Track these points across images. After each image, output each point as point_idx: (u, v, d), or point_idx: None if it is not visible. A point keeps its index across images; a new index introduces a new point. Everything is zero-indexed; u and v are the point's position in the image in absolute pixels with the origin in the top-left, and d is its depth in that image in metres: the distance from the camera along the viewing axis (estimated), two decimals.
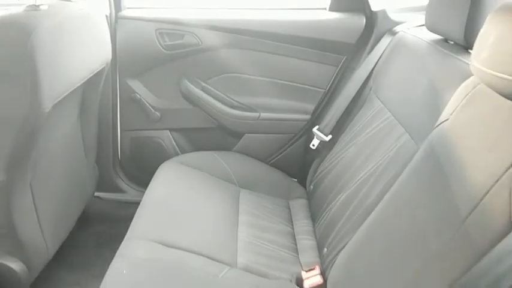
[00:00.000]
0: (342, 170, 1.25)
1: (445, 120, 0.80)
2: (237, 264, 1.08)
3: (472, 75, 0.77)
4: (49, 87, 0.97)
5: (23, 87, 0.93)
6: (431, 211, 0.73)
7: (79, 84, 1.13)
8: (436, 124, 0.83)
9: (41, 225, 1.11)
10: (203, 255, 1.04)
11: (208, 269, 1.01)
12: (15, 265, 1.05)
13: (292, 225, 1.33)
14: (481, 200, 0.63)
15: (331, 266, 1.03)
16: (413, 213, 0.79)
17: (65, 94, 1.05)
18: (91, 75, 1.21)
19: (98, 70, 1.27)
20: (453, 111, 0.80)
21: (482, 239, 0.60)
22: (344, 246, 1.01)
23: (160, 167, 1.41)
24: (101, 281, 1.42)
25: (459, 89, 0.81)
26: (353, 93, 1.39)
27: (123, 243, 1.04)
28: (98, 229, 1.64)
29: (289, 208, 1.42)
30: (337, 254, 1.04)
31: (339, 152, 1.32)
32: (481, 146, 0.69)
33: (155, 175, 1.36)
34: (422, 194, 0.78)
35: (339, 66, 1.51)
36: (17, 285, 1.06)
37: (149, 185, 1.31)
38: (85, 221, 1.58)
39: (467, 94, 0.78)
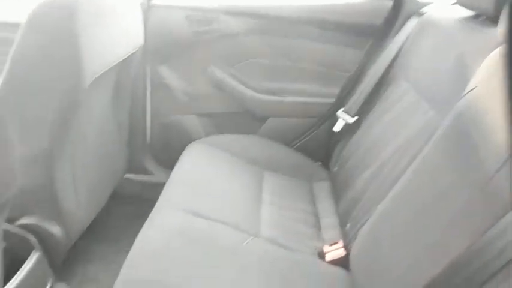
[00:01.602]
0: (366, 149, 1.27)
1: (473, 89, 0.81)
2: (260, 235, 1.11)
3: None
4: (88, 65, 1.03)
5: (65, 64, 1.00)
6: (458, 173, 0.74)
7: (114, 64, 1.19)
8: (464, 93, 0.84)
9: (78, 195, 1.18)
10: (229, 225, 1.08)
11: (234, 238, 1.05)
12: (55, 229, 1.11)
13: (315, 205, 1.36)
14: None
15: (354, 239, 1.06)
16: (439, 178, 0.80)
17: (102, 72, 1.11)
18: (125, 57, 1.28)
19: (130, 53, 1.33)
20: (481, 80, 0.80)
21: (510, 193, 0.61)
22: (367, 220, 1.03)
23: (188, 147, 1.46)
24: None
25: (487, 58, 0.82)
26: (379, 75, 1.41)
27: (153, 212, 1.09)
28: (127, 209, 1.70)
29: (312, 190, 1.45)
30: (359, 228, 1.06)
31: (364, 132, 1.34)
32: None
33: (183, 154, 1.41)
34: (447, 159, 0.80)
35: (365, 50, 1.53)
36: (55, 250, 1.13)
37: (177, 163, 1.36)
38: (115, 200, 1.65)
39: (496, 62, 0.79)
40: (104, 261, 1.43)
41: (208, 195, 1.21)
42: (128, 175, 1.74)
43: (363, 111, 1.44)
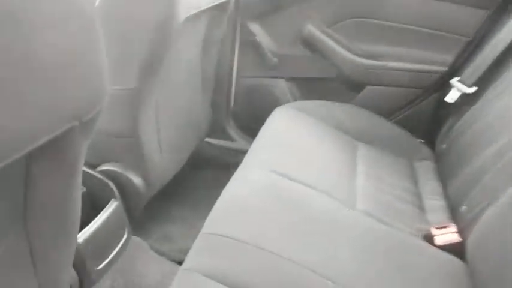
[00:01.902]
0: (488, 123, 1.06)
1: None
2: (355, 207, 0.97)
3: None
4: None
5: None
6: None
7: (208, 7, 1.10)
8: None
9: (161, 145, 1.11)
10: (322, 192, 0.95)
11: (327, 206, 0.92)
12: (136, 180, 1.06)
13: (417, 185, 1.18)
14: None
15: (473, 224, 0.87)
16: None
17: (196, 12, 1.03)
18: (220, 1, 1.18)
19: (222, 1, 1.23)
20: None
21: None
22: (490, 203, 0.84)
23: (275, 110, 1.34)
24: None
25: None
26: (507, 40, 1.18)
27: (239, 169, 0.99)
28: (204, 174, 1.64)
29: (413, 168, 1.27)
30: (480, 212, 0.87)
31: (485, 104, 1.13)
32: None
33: (270, 117, 1.30)
34: None
35: (493, 10, 1.29)
36: (134, 201, 1.08)
37: (264, 125, 1.25)
38: (193, 163, 1.58)
39: None
40: (181, 224, 1.37)
41: (297, 159, 1.08)
42: (208, 139, 1.67)
43: (483, 82, 1.21)
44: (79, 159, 0.57)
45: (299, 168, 1.02)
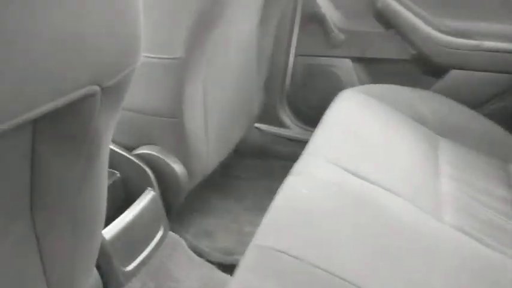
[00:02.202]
0: None
1: None
2: (443, 219, 0.77)
3: None
4: None
5: None
6: None
7: None
8: None
9: (207, 128, 0.95)
10: (400, 196, 0.75)
11: (407, 214, 0.72)
12: (177, 166, 0.91)
13: None
14: None
15: None
16: None
17: None
18: None
19: None
20: None
21: None
22: None
23: (341, 94, 1.14)
24: (252, 215, 1.27)
25: None
26: None
27: (299, 161, 0.81)
28: (253, 162, 1.47)
29: (509, 172, 1.03)
30: None
31: None
32: None
33: (334, 102, 1.10)
34: None
35: None
36: (175, 189, 0.93)
37: (327, 111, 1.06)
38: (240, 150, 1.42)
39: None
40: (223, 217, 1.22)
41: (368, 152, 0.89)
42: (258, 124, 1.50)
43: None
44: (102, 138, 0.43)
45: (369, 165, 0.83)
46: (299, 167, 0.77)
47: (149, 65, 0.79)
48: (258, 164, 1.46)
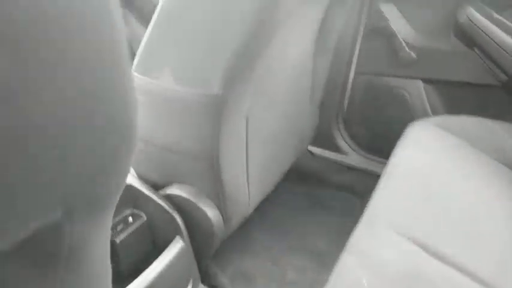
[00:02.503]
0: None
1: None
2: None
3: None
4: None
5: None
6: None
7: None
8: None
9: (249, 168, 0.81)
10: (484, 285, 0.57)
11: None
12: (211, 212, 0.78)
13: None
14: None
15: None
16: None
17: None
18: None
19: None
20: None
21: None
22: None
23: (410, 127, 0.96)
24: (297, 257, 1.11)
25: None
26: None
27: (358, 228, 0.64)
28: (302, 189, 1.32)
29: None
30: None
31: None
32: None
33: (402, 138, 0.92)
34: None
35: None
36: (208, 238, 0.80)
37: (394, 150, 0.88)
38: (289, 174, 1.26)
39: None
40: (264, 256, 1.08)
41: (451, 218, 0.70)
42: (310, 147, 1.34)
43: None
44: (83, 253, 0.30)
45: (449, 237, 0.64)
46: (355, 241, 0.61)
47: (183, 101, 0.67)
48: (308, 192, 1.31)
